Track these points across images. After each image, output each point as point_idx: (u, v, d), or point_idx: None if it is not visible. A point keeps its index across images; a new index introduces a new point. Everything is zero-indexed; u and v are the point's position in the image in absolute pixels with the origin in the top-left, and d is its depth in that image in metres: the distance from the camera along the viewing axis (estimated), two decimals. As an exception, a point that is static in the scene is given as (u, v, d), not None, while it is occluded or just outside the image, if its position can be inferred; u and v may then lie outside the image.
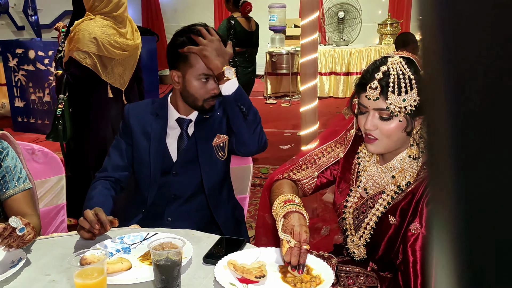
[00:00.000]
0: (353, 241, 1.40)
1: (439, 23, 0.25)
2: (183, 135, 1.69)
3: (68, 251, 1.31)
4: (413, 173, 1.30)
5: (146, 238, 1.38)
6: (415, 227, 1.24)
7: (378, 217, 1.33)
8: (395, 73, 1.21)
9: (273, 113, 6.45)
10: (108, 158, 1.72)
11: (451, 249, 0.26)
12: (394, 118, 1.23)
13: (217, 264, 1.20)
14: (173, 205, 1.68)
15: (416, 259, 1.23)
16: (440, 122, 0.26)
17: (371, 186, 1.37)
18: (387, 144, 1.27)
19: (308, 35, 2.95)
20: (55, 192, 1.82)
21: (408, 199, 1.28)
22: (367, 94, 1.24)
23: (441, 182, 0.26)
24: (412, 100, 1.21)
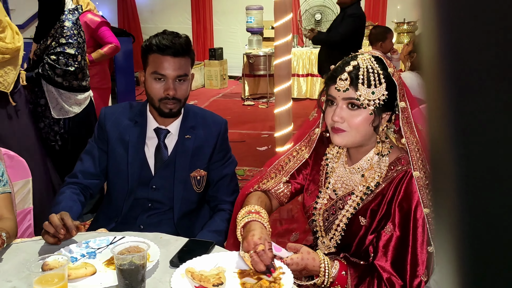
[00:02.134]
0: (323, 242, 1.40)
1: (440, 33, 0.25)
2: (160, 146, 1.64)
3: (32, 257, 1.28)
4: (381, 173, 1.30)
5: (113, 242, 1.35)
6: (388, 228, 1.25)
7: (348, 219, 1.33)
8: (364, 67, 1.24)
9: (250, 114, 6.45)
10: (79, 163, 1.67)
11: (455, 259, 0.26)
12: (362, 110, 1.24)
13: (174, 272, 1.18)
14: (147, 213, 1.65)
15: (389, 260, 1.24)
16: (441, 131, 0.26)
17: (340, 187, 1.38)
18: (354, 137, 1.27)
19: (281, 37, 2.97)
20: (21, 196, 1.78)
21: (378, 200, 1.29)
22: (337, 85, 1.25)
23: (443, 192, 0.26)
24: (380, 94, 1.23)
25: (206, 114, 1.74)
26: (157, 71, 1.54)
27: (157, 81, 1.55)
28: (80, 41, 2.77)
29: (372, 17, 7.88)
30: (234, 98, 7.53)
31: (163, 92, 1.55)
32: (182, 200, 1.64)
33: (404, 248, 1.23)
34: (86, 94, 2.91)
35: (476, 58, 0.24)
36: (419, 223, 1.22)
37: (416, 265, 1.22)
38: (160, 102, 1.57)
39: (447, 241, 0.26)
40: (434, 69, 0.26)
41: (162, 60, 1.53)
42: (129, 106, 1.71)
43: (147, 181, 1.63)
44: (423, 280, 1.21)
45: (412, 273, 1.22)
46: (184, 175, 1.63)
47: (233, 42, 9.15)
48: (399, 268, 1.23)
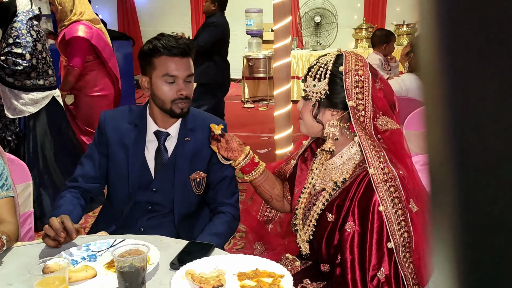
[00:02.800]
0: (300, 235, 1.45)
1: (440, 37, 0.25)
2: (160, 149, 1.64)
3: (32, 260, 1.28)
4: (349, 171, 1.35)
5: (113, 245, 1.36)
6: (350, 225, 1.28)
7: (318, 214, 1.38)
8: (321, 62, 1.36)
9: (250, 117, 6.46)
10: (80, 167, 1.67)
11: (452, 261, 0.26)
12: (309, 102, 1.37)
13: (174, 274, 1.19)
14: (147, 216, 1.65)
15: (354, 257, 1.27)
16: (439, 134, 0.26)
17: (319, 183, 1.43)
18: (304, 125, 1.42)
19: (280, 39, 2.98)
20: (21, 199, 1.78)
21: (343, 196, 1.32)
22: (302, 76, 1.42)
23: (442, 194, 0.26)
24: (321, 88, 1.33)
25: (205, 116, 1.75)
26: (168, 73, 1.54)
27: (169, 84, 1.55)
28: (30, 40, 2.75)
29: (372, 19, 7.90)
30: (234, 101, 7.54)
31: (175, 93, 1.56)
32: (182, 203, 1.65)
33: (364, 244, 1.26)
34: (44, 94, 2.89)
35: (475, 60, 0.24)
36: (376, 219, 1.24)
37: (370, 261, 1.24)
38: (172, 103, 1.57)
39: (445, 244, 0.26)
40: (432, 71, 0.26)
41: (172, 61, 1.54)
42: (128, 109, 1.71)
43: (147, 184, 1.64)
44: (378, 277, 1.24)
45: (368, 270, 1.25)
46: (184, 177, 1.64)
47: (232, 44, 9.16)
48: (364, 266, 1.25)
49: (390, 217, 1.23)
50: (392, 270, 1.23)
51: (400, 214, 1.23)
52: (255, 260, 1.28)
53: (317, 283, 1.38)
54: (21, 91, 2.80)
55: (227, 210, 1.67)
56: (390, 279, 1.23)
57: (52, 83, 2.94)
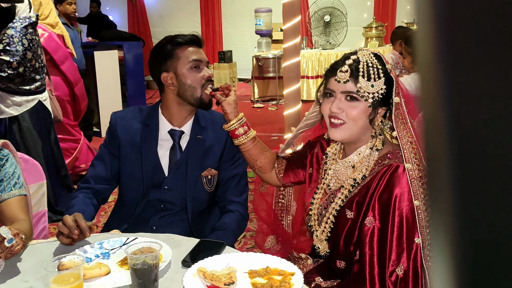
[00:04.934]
0: (317, 236, 1.43)
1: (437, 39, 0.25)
2: (175, 147, 1.66)
3: (47, 258, 1.30)
4: (369, 167, 1.33)
5: (126, 243, 1.38)
6: (370, 220, 1.27)
7: (336, 211, 1.36)
8: (364, 61, 1.29)
9: (260, 117, 6.47)
10: (91, 169, 1.70)
11: (451, 261, 0.26)
12: (361, 102, 1.28)
13: (186, 272, 1.20)
14: (160, 214, 1.67)
15: (373, 252, 1.26)
16: (437, 129, 0.26)
17: (334, 182, 1.42)
18: (352, 129, 1.31)
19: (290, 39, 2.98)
20: (36, 199, 1.82)
21: (363, 193, 1.31)
22: (337, 77, 1.29)
23: (439, 191, 0.26)
24: (379, 88, 1.28)
25: (215, 114, 1.77)
26: (195, 58, 1.61)
27: (196, 69, 1.62)
28: (20, 49, 2.74)
29: (382, 17, 7.86)
30: (243, 101, 7.55)
31: (205, 76, 1.63)
32: (193, 200, 1.66)
33: (384, 240, 1.25)
34: (29, 97, 2.91)
35: (473, 56, 0.24)
36: (397, 215, 1.23)
37: (390, 257, 1.24)
38: (202, 89, 1.62)
39: (443, 239, 0.26)
40: (430, 68, 0.26)
41: (194, 49, 1.63)
42: (138, 110, 1.73)
43: (159, 182, 1.65)
44: (397, 272, 1.23)
45: (387, 266, 1.24)
46: (195, 174, 1.66)
47: (242, 44, 9.19)
48: (383, 261, 1.24)
49: (421, 213, 1.21)
50: (411, 266, 1.23)
51: None
52: (266, 258, 1.28)
53: (331, 281, 1.38)
54: (6, 93, 2.81)
55: (236, 208, 1.68)
56: (408, 275, 1.23)
57: (38, 87, 2.95)
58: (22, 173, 1.61)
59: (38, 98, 2.97)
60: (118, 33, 6.56)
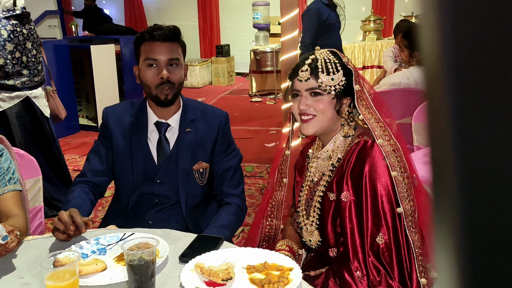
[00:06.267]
0: (307, 229, 1.46)
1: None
2: (161, 140, 1.66)
3: (43, 254, 1.29)
4: (343, 151, 1.40)
5: (122, 238, 1.37)
6: (345, 195, 1.33)
7: (320, 197, 1.41)
8: (321, 58, 1.39)
9: (258, 111, 6.46)
10: (87, 163, 1.70)
11: (454, 257, 0.26)
12: (324, 95, 1.37)
13: (184, 268, 1.19)
14: (155, 209, 1.67)
15: (353, 225, 1.30)
16: (441, 125, 0.25)
17: (317, 175, 1.47)
18: (322, 121, 1.39)
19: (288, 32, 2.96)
20: (31, 194, 1.80)
21: (339, 173, 1.36)
22: (299, 76, 1.38)
23: (444, 189, 0.26)
24: (339, 80, 1.37)
25: (206, 107, 1.77)
26: (149, 56, 1.58)
27: (150, 67, 1.59)
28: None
29: (380, 11, 7.83)
30: (241, 95, 7.53)
31: (157, 77, 1.58)
32: (187, 193, 1.66)
33: (361, 212, 1.30)
34: (12, 94, 2.85)
35: (478, 51, 0.24)
36: (369, 187, 1.29)
37: (367, 228, 1.28)
38: (157, 89, 1.59)
39: (447, 241, 0.26)
40: (434, 62, 0.25)
41: (153, 46, 1.58)
42: (130, 104, 1.74)
43: (152, 175, 1.65)
44: (377, 242, 1.27)
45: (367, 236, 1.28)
46: (186, 168, 1.66)
47: (240, 38, 9.15)
48: (363, 232, 1.29)
49: (399, 183, 1.28)
50: (392, 236, 1.27)
51: (407, 182, 1.29)
52: (264, 253, 1.27)
53: (320, 270, 1.39)
54: None
55: (233, 201, 1.67)
56: (390, 245, 1.27)
57: (25, 83, 2.87)
58: (18, 168, 1.60)
59: (26, 95, 2.89)
60: (114, 27, 6.52)
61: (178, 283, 1.15)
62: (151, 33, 1.58)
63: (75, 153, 4.69)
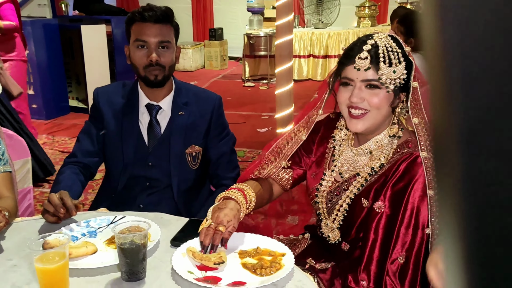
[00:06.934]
0: (327, 225, 1.38)
1: None
2: (152, 122, 1.64)
3: (32, 235, 1.28)
4: (387, 155, 1.28)
5: (113, 221, 1.35)
6: (379, 205, 1.23)
7: (351, 199, 1.30)
8: (383, 45, 1.20)
9: (251, 96, 6.42)
10: (77, 143, 1.68)
11: (461, 253, 0.25)
12: (382, 89, 1.21)
13: (175, 251, 1.18)
14: (146, 192, 1.65)
15: (377, 237, 1.23)
16: (446, 120, 0.25)
17: (346, 170, 1.35)
18: (375, 118, 1.23)
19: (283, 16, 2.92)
20: (20, 175, 1.77)
21: (381, 181, 1.25)
22: (356, 64, 1.20)
23: (447, 181, 0.26)
24: (401, 73, 1.20)
25: (199, 90, 1.75)
26: (139, 37, 1.55)
27: (140, 49, 1.56)
28: None
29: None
30: (234, 79, 7.48)
31: (146, 59, 1.55)
32: (179, 177, 1.65)
33: (392, 227, 1.21)
34: None
35: (481, 39, 0.23)
36: (410, 204, 1.19)
37: (395, 245, 1.20)
38: (145, 70, 1.57)
39: (451, 230, 0.26)
40: (437, 52, 0.25)
41: (144, 27, 1.55)
42: (121, 85, 1.72)
43: (143, 157, 1.64)
44: (399, 261, 1.20)
45: (391, 254, 1.21)
46: (179, 151, 1.64)
47: (233, 22, 9.04)
48: (386, 248, 1.21)
49: (433, 203, 1.17)
50: (414, 257, 1.19)
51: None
52: (257, 239, 1.27)
53: (325, 263, 1.35)
54: None
55: (229, 183, 1.65)
56: (409, 265, 1.19)
57: None
58: (7, 149, 1.57)
59: None
60: (106, 7, 6.40)
61: (170, 267, 1.14)
62: (142, 13, 1.54)
63: (65, 135, 4.63)
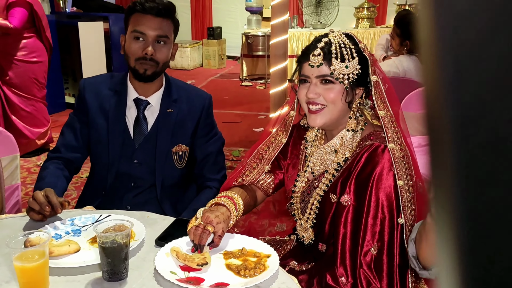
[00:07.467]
0: (301, 225, 1.39)
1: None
2: (139, 118, 1.61)
3: (16, 233, 1.26)
4: (351, 149, 1.30)
5: (98, 220, 1.34)
6: (345, 199, 1.24)
7: (321, 196, 1.32)
8: (336, 42, 1.25)
9: (248, 95, 6.41)
10: (61, 137, 1.64)
11: (454, 248, 0.25)
12: (337, 84, 1.25)
13: (159, 251, 1.17)
14: (132, 193, 1.63)
15: (347, 231, 1.23)
16: (440, 117, 0.25)
17: (318, 169, 1.37)
18: (332, 113, 1.26)
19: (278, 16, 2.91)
20: (8, 172, 1.75)
21: (345, 175, 1.27)
22: (310, 61, 1.25)
23: (443, 179, 0.25)
24: (353, 68, 1.24)
25: (190, 88, 1.72)
26: (137, 29, 1.52)
27: (136, 40, 1.53)
28: None
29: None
30: (232, 79, 7.47)
31: (141, 51, 1.52)
32: (163, 176, 1.62)
33: (359, 219, 1.21)
34: None
35: (476, 38, 0.23)
36: (374, 194, 1.20)
37: (364, 237, 1.20)
38: (136, 62, 1.54)
39: (446, 223, 0.25)
40: (431, 51, 0.24)
41: (143, 18, 1.52)
42: (110, 76, 1.68)
43: (129, 154, 1.61)
44: (371, 252, 1.20)
45: (361, 246, 1.20)
46: (165, 149, 1.61)
47: (232, 21, 9.02)
48: (357, 240, 1.21)
49: (404, 193, 1.19)
50: (386, 247, 1.19)
51: (411, 191, 1.20)
52: (242, 239, 1.26)
53: (305, 264, 1.35)
54: None
55: (214, 185, 1.64)
56: (383, 256, 1.19)
57: None
58: None
59: None
60: (104, 4, 6.38)
61: (153, 267, 1.13)
62: (143, 4, 1.51)
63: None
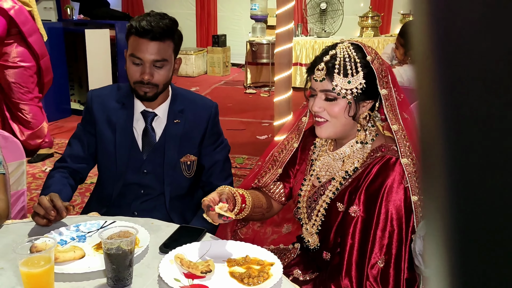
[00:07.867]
0: (307, 229, 1.40)
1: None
2: (148, 130, 1.62)
3: (21, 238, 1.27)
4: (360, 159, 1.30)
5: (103, 226, 1.35)
6: (354, 210, 1.24)
7: (327, 204, 1.32)
8: (341, 56, 1.24)
9: (252, 102, 6.42)
10: (68, 148, 1.66)
11: (444, 250, 0.25)
12: (340, 100, 1.25)
13: (163, 258, 1.18)
14: (140, 200, 1.64)
15: (354, 242, 1.23)
16: (431, 119, 0.25)
17: (323, 174, 1.38)
18: (335, 126, 1.28)
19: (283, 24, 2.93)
20: (15, 177, 1.77)
21: (354, 185, 1.27)
22: (315, 75, 1.27)
23: (433, 185, 0.25)
24: (357, 83, 1.23)
25: (195, 97, 1.72)
26: (134, 53, 1.50)
27: (135, 64, 1.52)
28: None
29: (378, 7, 7.80)
30: (236, 86, 7.49)
31: (139, 75, 1.52)
32: (172, 185, 1.63)
33: (367, 230, 1.22)
34: None
35: (470, 46, 0.23)
36: (384, 206, 1.20)
37: (372, 249, 1.20)
38: (135, 85, 1.54)
39: (437, 231, 0.26)
40: (425, 59, 0.25)
41: (139, 43, 1.49)
42: (117, 88, 1.68)
43: (138, 165, 1.62)
44: (378, 265, 1.20)
45: (369, 258, 1.20)
46: (173, 160, 1.62)
47: (236, 29, 9.08)
48: (364, 252, 1.21)
49: (417, 207, 1.19)
50: (393, 261, 1.19)
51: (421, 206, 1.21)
52: (246, 247, 1.26)
53: (309, 273, 1.36)
54: None
55: None
56: (390, 270, 1.19)
57: None
58: (1, 151, 1.57)
59: None
60: (110, 11, 6.43)
61: (157, 274, 1.14)
62: (140, 27, 1.47)
63: (66, 137, 4.64)
